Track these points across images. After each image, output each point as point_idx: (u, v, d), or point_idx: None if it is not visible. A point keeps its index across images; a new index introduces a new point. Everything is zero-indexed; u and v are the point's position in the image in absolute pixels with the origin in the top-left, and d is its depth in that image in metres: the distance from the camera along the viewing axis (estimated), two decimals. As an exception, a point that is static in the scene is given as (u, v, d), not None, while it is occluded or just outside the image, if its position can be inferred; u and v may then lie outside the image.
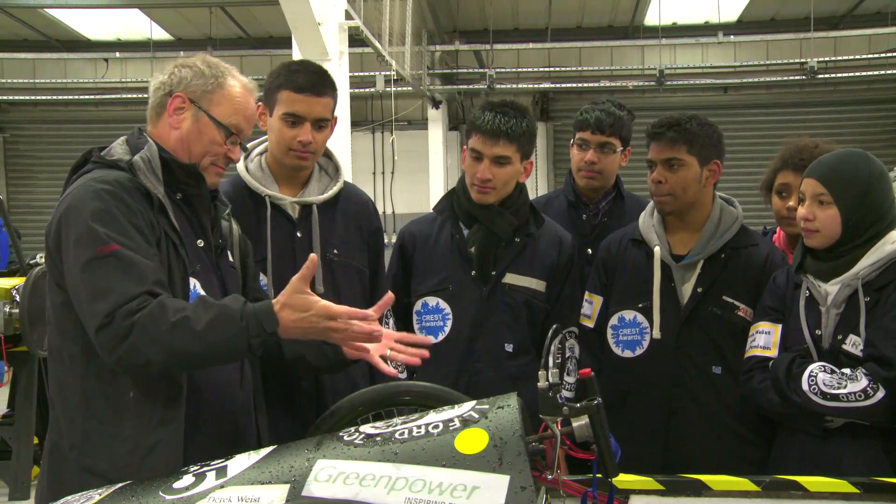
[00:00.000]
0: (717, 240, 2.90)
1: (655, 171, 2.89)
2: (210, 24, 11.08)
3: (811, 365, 2.46)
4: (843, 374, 2.42)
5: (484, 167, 2.84)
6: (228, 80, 2.22)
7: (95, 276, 1.94)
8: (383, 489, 1.62)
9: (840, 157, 2.59)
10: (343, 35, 6.21)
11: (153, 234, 2.04)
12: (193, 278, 2.14)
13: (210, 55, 2.29)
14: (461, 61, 12.04)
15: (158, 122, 2.22)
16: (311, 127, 2.65)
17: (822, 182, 2.52)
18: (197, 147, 2.19)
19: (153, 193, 2.07)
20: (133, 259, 1.96)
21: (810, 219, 2.53)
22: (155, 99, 2.22)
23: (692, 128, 2.86)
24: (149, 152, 2.11)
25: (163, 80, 2.22)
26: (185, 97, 2.18)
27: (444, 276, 2.91)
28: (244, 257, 2.42)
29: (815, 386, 2.42)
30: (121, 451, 1.99)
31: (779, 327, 2.65)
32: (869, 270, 2.48)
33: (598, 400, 1.76)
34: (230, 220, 2.39)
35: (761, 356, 2.66)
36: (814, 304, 2.56)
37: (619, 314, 2.97)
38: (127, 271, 1.94)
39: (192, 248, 2.17)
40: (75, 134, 12.43)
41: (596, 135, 3.25)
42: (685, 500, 2.06)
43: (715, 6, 10.68)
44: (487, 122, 2.82)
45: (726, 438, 2.81)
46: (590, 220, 3.33)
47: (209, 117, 2.19)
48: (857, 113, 11.86)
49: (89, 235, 1.96)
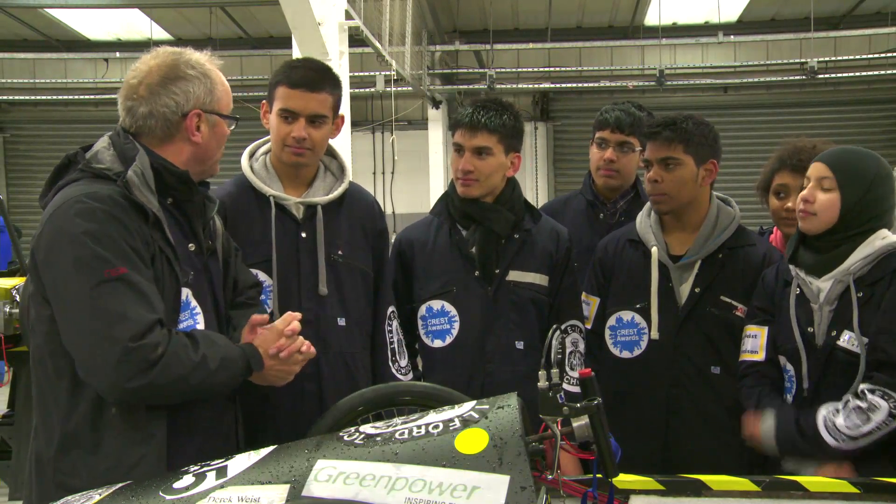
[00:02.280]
0: (714, 240, 2.90)
1: (652, 171, 2.89)
2: (210, 24, 11.06)
3: (819, 415, 2.42)
4: (856, 408, 2.38)
5: (465, 159, 2.87)
6: (212, 71, 2.18)
7: (107, 301, 1.89)
8: (383, 489, 1.62)
9: (852, 149, 2.63)
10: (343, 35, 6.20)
11: (148, 251, 2.01)
12: (187, 288, 2.12)
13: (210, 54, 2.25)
14: (461, 61, 12.03)
15: (169, 143, 2.13)
16: (306, 123, 2.63)
17: (829, 166, 2.54)
18: (217, 150, 2.20)
19: (147, 208, 2.02)
20: (141, 284, 1.93)
21: (810, 200, 2.54)
22: (157, 123, 2.11)
23: (688, 127, 2.86)
24: (141, 164, 2.05)
25: (165, 102, 2.10)
26: (201, 112, 2.13)
27: (447, 278, 2.91)
28: (227, 255, 2.38)
29: (839, 434, 2.39)
30: (100, 469, 1.96)
31: (765, 329, 2.67)
32: (861, 265, 2.48)
33: (598, 400, 1.76)
34: (214, 218, 2.35)
35: (750, 360, 2.69)
36: (804, 302, 2.56)
37: (617, 315, 2.97)
38: (137, 297, 1.92)
39: (185, 254, 2.14)
40: (75, 134, 12.39)
41: (615, 134, 3.32)
42: (685, 500, 2.06)
43: (715, 6, 10.67)
44: (467, 115, 2.88)
45: (725, 438, 2.81)
46: (608, 219, 3.37)
47: (221, 117, 2.18)
48: (857, 113, 11.84)
49: (93, 258, 1.91)
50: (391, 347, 2.82)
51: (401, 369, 2.84)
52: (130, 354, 1.87)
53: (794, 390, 2.59)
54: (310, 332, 2.60)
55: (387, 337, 2.82)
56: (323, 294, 2.67)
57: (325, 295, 2.67)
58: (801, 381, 2.54)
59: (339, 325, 2.70)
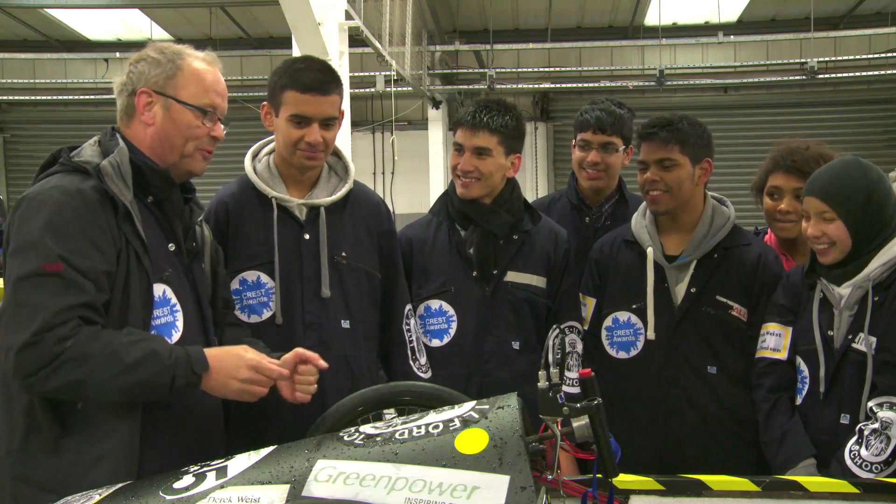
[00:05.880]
0: (709, 240, 2.90)
1: (649, 172, 2.88)
2: (210, 24, 11.06)
3: (846, 457, 2.37)
4: (872, 433, 2.36)
5: (465, 159, 2.87)
6: (186, 60, 2.16)
7: (29, 292, 1.88)
8: (383, 489, 1.62)
9: (835, 169, 2.57)
10: (343, 35, 6.19)
11: (113, 246, 1.99)
12: (163, 284, 2.10)
13: None
14: (461, 61, 12.03)
15: (131, 123, 2.17)
16: (319, 126, 2.61)
17: (823, 199, 2.52)
18: (176, 137, 2.14)
19: (118, 199, 2.02)
20: (77, 280, 1.91)
21: (819, 236, 2.53)
22: (121, 102, 2.18)
23: (684, 127, 2.86)
24: (119, 156, 2.06)
25: (122, 80, 2.17)
26: (150, 91, 2.13)
27: (445, 278, 2.91)
28: (215, 265, 2.38)
29: (866, 463, 2.35)
30: (62, 463, 1.95)
31: (789, 330, 2.66)
32: (880, 271, 2.48)
33: (598, 400, 1.76)
34: (202, 227, 2.36)
35: (771, 358, 2.67)
36: (827, 306, 2.57)
37: (613, 315, 2.97)
38: (64, 290, 1.89)
39: (163, 252, 2.13)
40: (75, 134, 12.34)
41: (598, 135, 3.24)
42: (685, 500, 2.06)
43: (715, 6, 10.67)
44: (469, 115, 2.88)
45: (723, 438, 2.81)
46: (593, 223, 3.32)
47: (179, 102, 2.14)
48: (857, 113, 11.84)
49: (36, 248, 1.91)
50: (411, 346, 2.82)
51: (421, 367, 2.84)
52: (31, 346, 1.85)
53: (805, 391, 2.59)
54: (312, 335, 2.60)
55: (405, 336, 2.81)
56: (326, 296, 2.65)
57: (328, 297, 2.66)
58: (817, 384, 2.54)
59: (343, 328, 2.69)
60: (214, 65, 2.22)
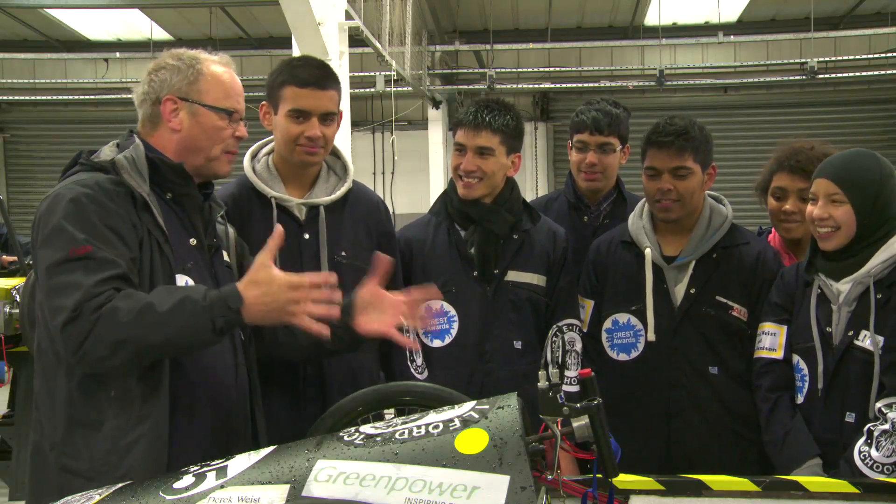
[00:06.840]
0: (708, 240, 2.89)
1: (662, 180, 2.85)
2: (210, 24, 11.07)
3: (856, 457, 2.36)
4: (881, 433, 2.35)
5: (467, 159, 2.87)
6: (205, 65, 2.21)
7: (63, 275, 1.93)
8: (383, 489, 1.62)
9: (851, 156, 2.59)
10: (343, 35, 6.20)
11: (135, 234, 2.03)
12: (185, 275, 2.12)
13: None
14: (461, 61, 12.04)
15: (155, 131, 2.20)
16: (318, 121, 2.63)
17: (834, 181, 2.52)
18: (204, 140, 2.18)
19: (136, 192, 2.06)
20: (107, 258, 1.95)
21: (825, 218, 2.52)
22: (144, 111, 2.21)
23: (696, 135, 2.85)
24: (134, 152, 2.11)
25: (144, 90, 2.20)
26: (174, 97, 2.17)
27: (446, 278, 2.90)
28: (240, 259, 2.40)
29: (877, 465, 2.34)
30: (99, 451, 1.98)
31: (784, 329, 2.66)
32: (881, 268, 2.48)
33: (598, 400, 1.76)
34: (225, 223, 2.38)
35: (768, 358, 2.67)
36: (825, 302, 2.56)
37: (613, 317, 2.96)
38: (98, 268, 1.93)
39: (184, 246, 2.16)
40: (75, 134, 12.42)
41: (594, 136, 3.23)
42: (685, 500, 2.06)
43: (715, 6, 10.68)
44: (470, 115, 2.88)
45: (726, 438, 2.81)
46: (591, 222, 3.32)
47: (204, 106, 2.18)
48: (857, 113, 11.85)
49: (61, 236, 1.96)
50: (408, 347, 2.82)
51: (418, 368, 2.86)
52: (73, 321, 1.88)
53: (805, 389, 2.58)
54: (312, 335, 2.60)
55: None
56: None
57: None
58: (816, 381, 2.53)
59: None
60: (230, 66, 2.29)
